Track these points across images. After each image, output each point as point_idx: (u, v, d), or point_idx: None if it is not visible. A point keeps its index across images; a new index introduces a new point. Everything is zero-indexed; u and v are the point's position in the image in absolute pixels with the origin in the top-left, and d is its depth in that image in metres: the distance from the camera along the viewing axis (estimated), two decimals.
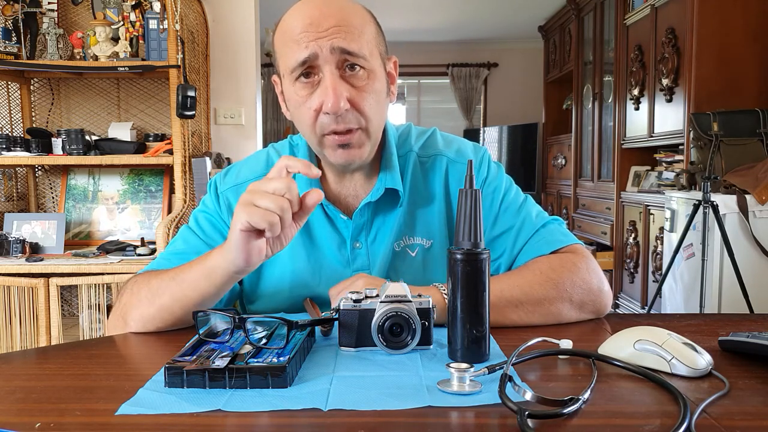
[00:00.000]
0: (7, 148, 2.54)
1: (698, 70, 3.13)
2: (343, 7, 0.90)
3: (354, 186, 1.00)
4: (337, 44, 0.86)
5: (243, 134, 3.15)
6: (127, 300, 0.90)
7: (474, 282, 0.72)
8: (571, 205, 5.19)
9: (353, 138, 0.90)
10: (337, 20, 0.87)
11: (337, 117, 0.88)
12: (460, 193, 0.74)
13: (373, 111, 0.91)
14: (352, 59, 0.88)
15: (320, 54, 0.86)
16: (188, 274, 0.86)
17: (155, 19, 2.53)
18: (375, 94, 0.91)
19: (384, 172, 0.99)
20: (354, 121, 0.89)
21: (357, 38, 0.88)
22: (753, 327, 0.91)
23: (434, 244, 1.01)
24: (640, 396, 0.63)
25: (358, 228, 0.99)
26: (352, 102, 0.88)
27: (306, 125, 0.92)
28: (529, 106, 6.63)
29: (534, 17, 5.81)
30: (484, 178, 1.03)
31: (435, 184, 1.03)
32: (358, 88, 0.89)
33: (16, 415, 0.59)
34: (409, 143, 1.05)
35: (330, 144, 0.91)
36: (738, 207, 2.67)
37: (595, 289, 0.92)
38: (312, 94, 0.89)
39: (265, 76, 6.90)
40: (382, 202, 0.99)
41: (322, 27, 0.86)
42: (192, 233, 1.01)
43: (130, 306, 0.90)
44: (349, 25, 0.88)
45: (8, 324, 2.46)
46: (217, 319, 0.75)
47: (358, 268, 0.99)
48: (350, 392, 0.63)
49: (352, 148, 0.91)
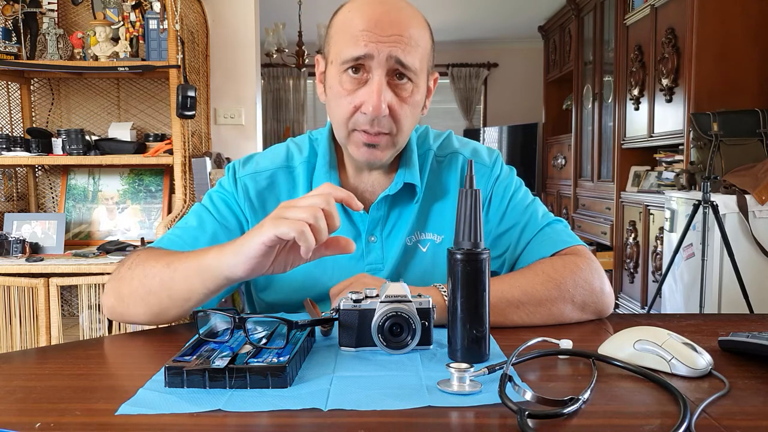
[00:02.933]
0: (7, 148, 2.54)
1: (698, 70, 3.13)
2: (410, 16, 0.92)
3: (372, 182, 1.02)
4: (394, 53, 0.88)
5: (243, 134, 3.15)
6: (124, 273, 0.90)
7: (474, 282, 0.72)
8: (571, 205, 5.19)
9: (381, 140, 0.93)
10: (400, 29, 0.89)
11: (372, 120, 0.90)
12: (460, 193, 0.74)
13: (407, 122, 0.94)
14: (403, 70, 0.90)
15: (376, 57, 0.88)
16: (181, 264, 0.84)
17: (155, 19, 2.53)
18: (413, 106, 0.94)
19: (403, 167, 1.01)
20: (387, 127, 0.92)
21: (413, 51, 0.90)
22: (753, 327, 0.91)
23: (445, 239, 1.02)
24: (640, 396, 0.63)
25: (374, 222, 1.00)
26: (392, 109, 0.91)
27: (340, 117, 0.93)
28: (529, 106, 6.63)
29: (534, 17, 5.81)
30: (497, 176, 1.05)
31: (450, 180, 1.05)
32: (401, 98, 0.92)
33: (16, 415, 0.59)
34: (428, 142, 1.07)
35: (357, 140, 0.94)
36: (738, 207, 2.67)
37: (597, 290, 0.92)
38: (356, 90, 0.91)
39: (265, 76, 6.91)
40: (399, 197, 1.01)
41: (386, 32, 0.88)
42: (206, 210, 1.02)
43: (124, 280, 0.89)
44: (410, 37, 0.90)
45: (8, 324, 2.46)
46: (217, 319, 0.75)
47: (372, 261, 1.00)
48: (350, 392, 0.63)
49: (376, 150, 0.94)
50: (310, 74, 6.86)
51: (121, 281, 0.90)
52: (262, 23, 3.88)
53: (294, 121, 7.06)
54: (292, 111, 7.05)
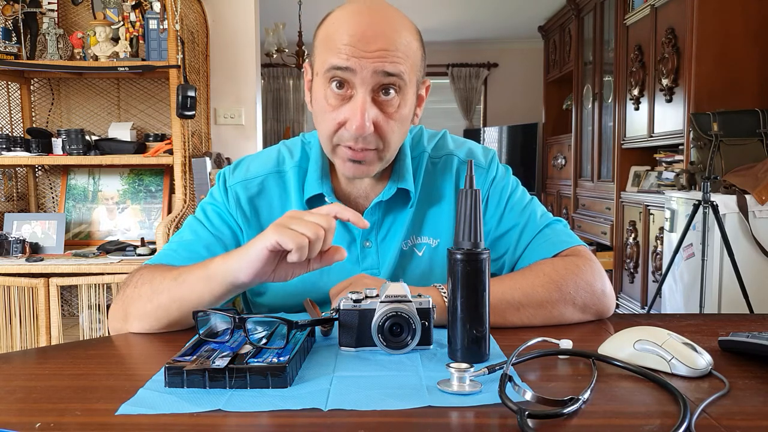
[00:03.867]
0: (7, 148, 2.54)
1: (698, 70, 3.13)
2: (395, 26, 0.88)
3: (364, 188, 1.01)
4: (380, 68, 0.86)
5: (243, 134, 3.15)
6: (130, 293, 0.90)
7: (474, 282, 0.72)
8: (571, 205, 5.19)
9: (367, 156, 0.91)
10: (386, 43, 0.86)
11: (357, 137, 0.89)
12: (459, 193, 0.74)
13: (394, 137, 0.92)
14: (390, 81, 0.88)
15: (359, 72, 0.86)
16: (189, 275, 0.86)
17: (155, 19, 2.53)
18: (400, 122, 0.92)
19: (396, 173, 1.00)
20: (373, 143, 0.90)
21: (401, 62, 0.88)
22: (753, 327, 0.91)
23: (441, 243, 1.01)
24: (640, 396, 0.63)
25: (369, 227, 0.99)
26: (377, 126, 0.89)
27: (325, 131, 0.92)
28: (529, 106, 6.63)
29: (534, 17, 5.81)
30: (493, 177, 1.04)
31: (446, 183, 1.04)
32: (387, 114, 0.90)
33: (16, 415, 0.59)
34: (422, 144, 1.06)
35: (342, 155, 0.92)
36: (738, 207, 2.67)
37: (599, 292, 0.92)
38: (341, 107, 0.89)
39: (265, 76, 6.91)
40: (393, 202, 1.00)
41: (370, 48, 0.85)
42: (200, 224, 1.01)
43: (131, 300, 0.90)
44: (396, 49, 0.87)
45: (8, 324, 2.46)
46: (217, 319, 0.76)
47: (368, 266, 1.00)
48: (350, 392, 0.63)
49: (362, 165, 0.92)
50: None
51: (127, 301, 0.90)
52: (262, 23, 3.88)
53: (294, 121, 7.06)
54: (292, 111, 7.05)
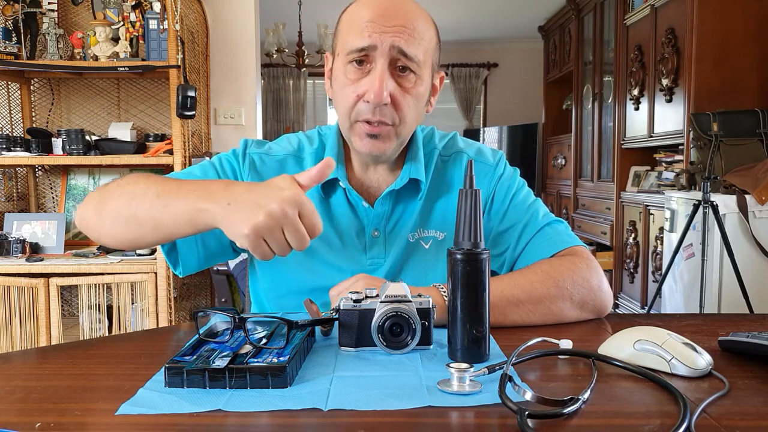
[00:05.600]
0: (7, 148, 2.54)
1: (698, 70, 3.13)
2: (415, 10, 0.95)
3: (377, 177, 1.03)
4: (397, 43, 0.91)
5: (243, 134, 3.15)
6: (113, 187, 0.88)
7: (474, 282, 0.73)
8: (571, 205, 5.19)
9: (383, 130, 0.94)
10: (404, 20, 0.92)
11: (374, 108, 0.92)
12: (460, 193, 0.74)
13: (410, 113, 0.95)
14: (406, 61, 0.92)
15: (379, 47, 0.91)
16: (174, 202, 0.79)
17: (155, 20, 2.53)
18: (416, 98, 0.95)
19: (409, 163, 1.02)
20: (389, 117, 0.93)
21: (417, 43, 0.92)
22: (753, 327, 0.91)
23: (448, 236, 1.03)
24: (640, 396, 0.63)
25: (378, 216, 1.01)
26: (394, 98, 0.92)
27: (344, 107, 0.95)
28: (529, 106, 6.63)
29: (534, 17, 5.81)
30: (500, 175, 1.07)
31: (454, 179, 1.06)
32: (404, 88, 0.94)
33: (16, 415, 0.59)
34: (434, 142, 1.09)
35: (359, 131, 0.95)
36: (738, 207, 2.67)
37: (596, 288, 0.93)
38: (360, 80, 0.93)
39: (265, 76, 6.91)
40: (404, 192, 1.02)
41: (389, 23, 0.91)
42: (212, 167, 1.03)
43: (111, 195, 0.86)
44: (413, 29, 0.92)
45: (8, 324, 2.46)
46: (217, 319, 0.76)
47: (374, 255, 1.01)
48: (350, 392, 0.63)
49: (378, 140, 0.95)
50: (310, 74, 6.87)
51: (106, 193, 0.88)
52: (262, 23, 3.88)
53: (294, 121, 7.06)
54: (292, 111, 7.05)
